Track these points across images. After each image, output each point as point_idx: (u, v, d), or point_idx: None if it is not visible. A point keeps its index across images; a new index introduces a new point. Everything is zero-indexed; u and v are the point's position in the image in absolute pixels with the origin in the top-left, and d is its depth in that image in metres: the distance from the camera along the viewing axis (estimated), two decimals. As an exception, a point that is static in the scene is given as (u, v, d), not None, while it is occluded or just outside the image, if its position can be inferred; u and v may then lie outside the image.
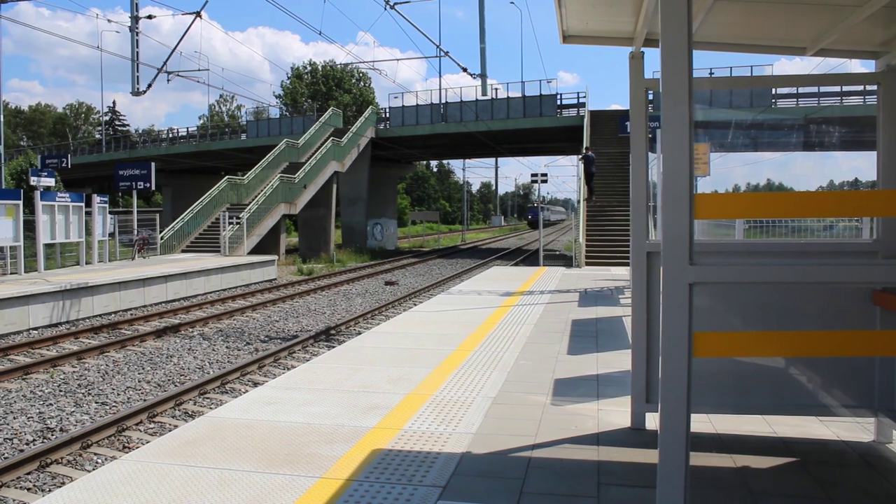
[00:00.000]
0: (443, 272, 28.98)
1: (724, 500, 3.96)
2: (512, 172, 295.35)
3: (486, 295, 13.59)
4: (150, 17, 26.83)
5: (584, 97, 41.97)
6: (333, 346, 11.89)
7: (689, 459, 2.83)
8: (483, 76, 28.59)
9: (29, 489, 6.76)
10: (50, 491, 6.59)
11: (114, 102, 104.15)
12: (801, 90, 36.11)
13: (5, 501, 6.53)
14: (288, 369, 10.94)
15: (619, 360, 7.29)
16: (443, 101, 44.12)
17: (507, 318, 10.47)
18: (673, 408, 2.82)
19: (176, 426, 8.25)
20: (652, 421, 5.07)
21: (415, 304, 17.88)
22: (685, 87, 2.74)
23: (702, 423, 5.06)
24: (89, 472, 6.24)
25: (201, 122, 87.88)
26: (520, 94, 42.35)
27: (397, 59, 64.65)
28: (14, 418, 8.70)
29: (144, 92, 24.25)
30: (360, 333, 12.86)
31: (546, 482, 4.16)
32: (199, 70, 30.85)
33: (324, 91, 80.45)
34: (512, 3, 39.16)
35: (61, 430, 8.36)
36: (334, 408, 5.73)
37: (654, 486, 2.90)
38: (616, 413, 5.47)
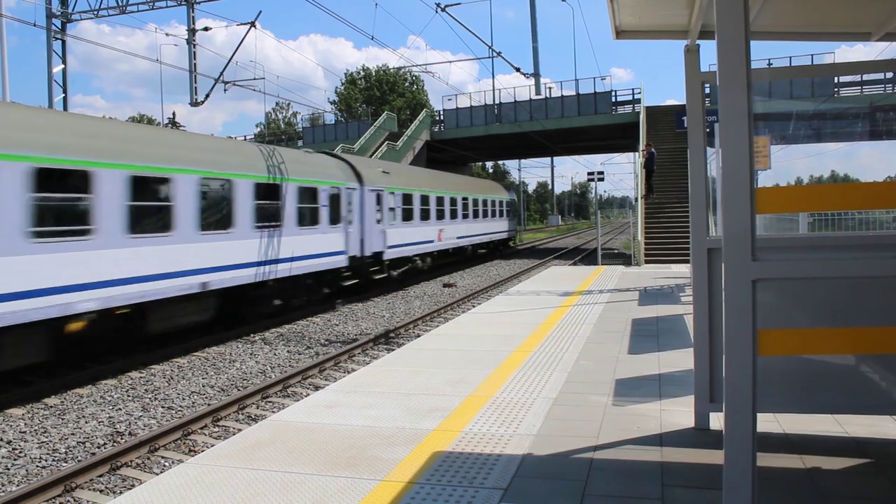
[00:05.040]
0: (500, 273, 28.90)
1: (792, 502, 3.85)
2: (568, 171, 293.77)
3: (544, 295, 13.51)
4: (206, 29, 27.35)
5: (640, 93, 41.44)
6: (393, 349, 11.97)
7: (755, 460, 2.76)
8: (536, 75, 28.31)
9: (101, 491, 6.96)
10: (120, 493, 6.77)
11: (173, 114, 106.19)
12: (865, 77, 35.00)
13: (80, 502, 6.75)
14: (348, 373, 11.05)
15: (682, 360, 7.16)
16: (496, 101, 43.96)
17: (567, 319, 10.38)
18: (738, 407, 2.76)
19: (239, 430, 8.41)
20: (716, 421, 4.97)
21: (473, 306, 17.88)
22: (743, 78, 2.67)
23: (769, 422, 4.94)
24: (157, 474, 6.40)
25: (258, 129, 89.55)
26: (574, 93, 41.96)
27: (449, 62, 64.81)
28: (86, 422, 8.98)
29: (202, 102, 24.73)
30: (418, 336, 12.91)
31: (608, 484, 4.11)
32: (254, 79, 31.12)
33: (377, 95, 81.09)
34: (563, 0, 38.79)
35: (130, 433, 8.59)
36: (394, 411, 5.76)
37: (719, 488, 2.83)
38: (679, 413, 5.37)
